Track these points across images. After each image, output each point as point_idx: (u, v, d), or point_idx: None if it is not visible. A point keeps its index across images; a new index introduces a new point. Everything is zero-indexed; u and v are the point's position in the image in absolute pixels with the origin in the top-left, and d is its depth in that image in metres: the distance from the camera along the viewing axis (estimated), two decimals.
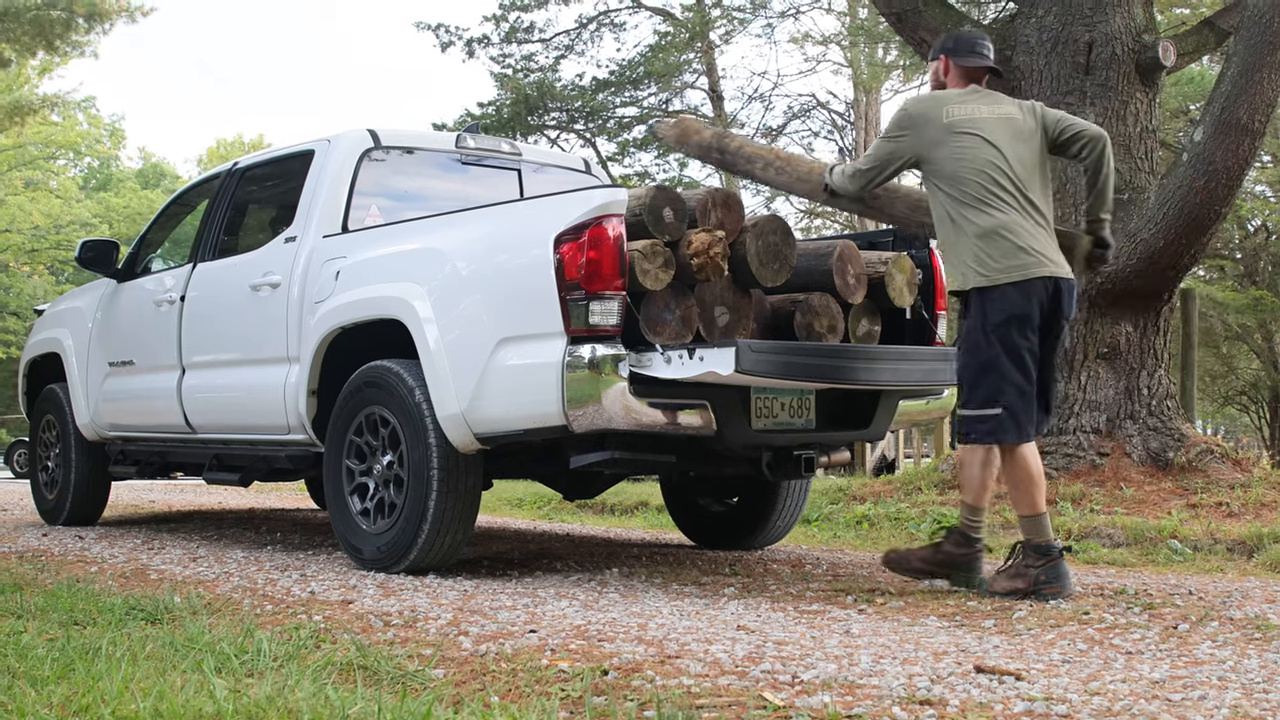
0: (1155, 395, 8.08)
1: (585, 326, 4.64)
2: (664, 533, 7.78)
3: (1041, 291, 4.61)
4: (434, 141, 6.52)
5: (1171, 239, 7.69)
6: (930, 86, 5.10)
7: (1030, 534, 4.68)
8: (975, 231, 4.62)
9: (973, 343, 4.63)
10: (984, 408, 4.58)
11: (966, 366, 4.66)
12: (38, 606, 4.35)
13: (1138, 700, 2.94)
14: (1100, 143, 4.85)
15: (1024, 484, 4.66)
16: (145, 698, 2.82)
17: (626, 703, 2.98)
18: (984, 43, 5.01)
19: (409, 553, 5.21)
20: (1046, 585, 4.59)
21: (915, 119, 4.80)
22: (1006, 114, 4.81)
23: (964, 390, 4.68)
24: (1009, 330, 4.57)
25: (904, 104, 4.92)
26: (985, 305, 4.60)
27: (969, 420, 4.63)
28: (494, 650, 3.55)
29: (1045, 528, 4.68)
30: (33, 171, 39.00)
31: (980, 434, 4.62)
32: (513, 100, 21.59)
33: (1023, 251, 4.59)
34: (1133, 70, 8.28)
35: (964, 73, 4.94)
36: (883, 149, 4.85)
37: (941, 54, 5.00)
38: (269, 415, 6.04)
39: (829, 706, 2.86)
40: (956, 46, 4.98)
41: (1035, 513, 4.66)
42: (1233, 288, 21.27)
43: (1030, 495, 4.67)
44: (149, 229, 7.70)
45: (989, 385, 4.57)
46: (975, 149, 4.68)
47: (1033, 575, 4.61)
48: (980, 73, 4.95)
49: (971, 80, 4.93)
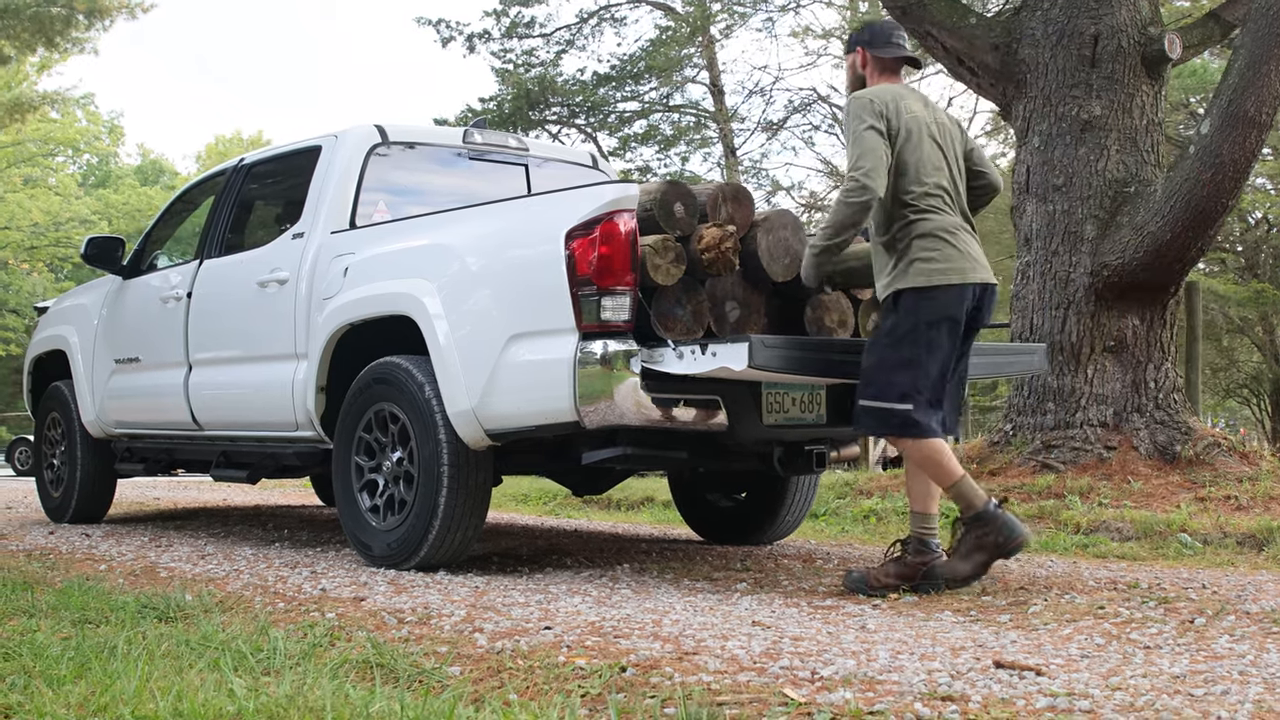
0: (1162, 388, 8.07)
1: (597, 322, 4.63)
2: (672, 528, 7.77)
3: (971, 296, 4.61)
4: (441, 137, 6.50)
5: (1178, 232, 7.68)
6: (847, 82, 4.99)
7: (964, 503, 4.62)
8: (920, 231, 4.56)
9: (898, 338, 4.53)
10: (898, 402, 4.49)
11: (884, 360, 4.54)
12: (49, 605, 4.34)
13: (1160, 695, 2.93)
14: (994, 195, 4.98)
15: (930, 469, 4.60)
16: (164, 697, 2.80)
17: (647, 700, 2.97)
18: (899, 32, 4.90)
19: (419, 549, 5.20)
20: (1009, 542, 4.57)
21: (880, 109, 4.59)
22: (940, 119, 4.78)
23: (872, 383, 4.55)
24: (939, 331, 4.52)
25: (859, 99, 4.64)
26: (920, 304, 4.53)
27: (879, 413, 4.53)
28: (510, 647, 3.54)
29: (973, 490, 4.62)
30: (32, 168, 38.98)
31: (891, 427, 4.56)
32: (514, 95, 21.59)
33: (962, 255, 4.58)
34: (1139, 63, 8.26)
35: (883, 65, 4.84)
36: (871, 139, 4.54)
37: (858, 47, 4.88)
38: (277, 412, 6.02)
39: (851, 703, 2.85)
40: (873, 39, 4.85)
41: (953, 480, 4.59)
42: (1234, 280, 21.28)
43: (941, 473, 4.58)
44: (154, 226, 7.68)
45: (906, 381, 4.49)
46: (925, 149, 4.64)
47: (990, 541, 4.59)
48: (899, 63, 4.85)
49: (890, 71, 4.83)
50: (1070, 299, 8.11)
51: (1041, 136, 8.35)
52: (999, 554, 4.60)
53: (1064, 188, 8.23)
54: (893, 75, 4.84)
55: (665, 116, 23.92)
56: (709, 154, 24.32)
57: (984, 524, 4.59)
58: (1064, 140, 8.25)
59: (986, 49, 8.64)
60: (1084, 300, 8.07)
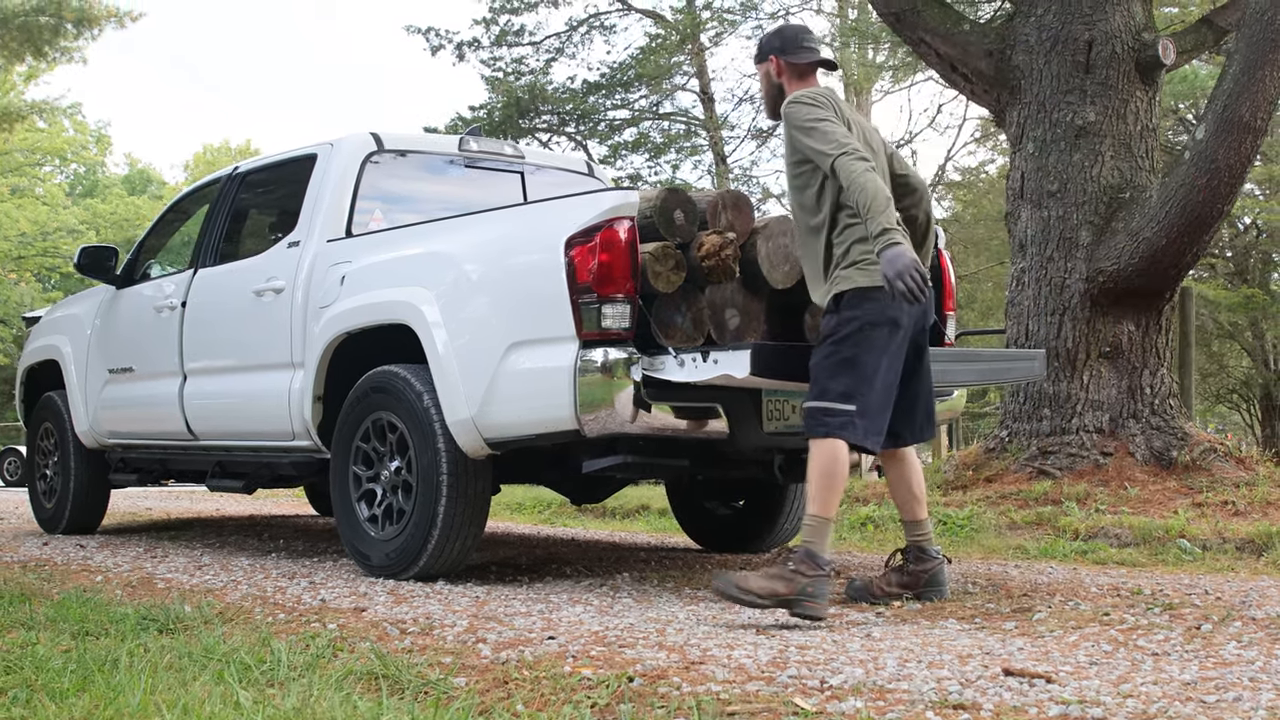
0: (1158, 394, 8.07)
1: (597, 330, 4.61)
2: (669, 536, 7.75)
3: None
4: (437, 145, 6.49)
5: (1174, 237, 7.68)
6: (762, 92, 4.82)
7: (812, 538, 4.24)
8: (860, 235, 4.34)
9: (839, 339, 4.31)
10: (839, 402, 4.26)
11: (827, 358, 4.31)
12: (47, 617, 4.31)
13: (1172, 702, 2.91)
14: (919, 196, 4.82)
15: (831, 479, 4.24)
16: (170, 710, 2.77)
17: (656, 710, 2.95)
18: (810, 35, 4.76)
19: (418, 559, 5.17)
20: (811, 599, 4.13)
21: (828, 105, 4.41)
22: (865, 122, 4.67)
23: (815, 384, 4.33)
24: (882, 331, 4.31)
25: (800, 99, 4.44)
26: (863, 305, 4.33)
27: (817, 412, 4.28)
28: (515, 658, 3.51)
29: (828, 537, 4.30)
30: (19, 178, 38.84)
31: (829, 427, 4.25)
32: (504, 103, 21.54)
33: None
34: (1133, 69, 8.26)
35: (798, 70, 4.63)
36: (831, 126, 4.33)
37: (771, 55, 4.66)
38: (273, 421, 5.99)
39: (862, 712, 2.83)
40: (784, 45, 4.65)
41: (825, 516, 4.26)
42: (1223, 286, 21.33)
43: (830, 494, 4.26)
44: (147, 235, 7.65)
45: (848, 381, 4.26)
46: (871, 150, 4.51)
47: (800, 584, 4.14)
48: (813, 68, 4.66)
49: (806, 77, 4.64)
50: (1066, 305, 8.11)
51: (1036, 143, 8.36)
52: (794, 602, 4.14)
53: (1059, 194, 8.23)
54: (810, 80, 4.65)
55: (655, 124, 23.91)
56: (699, 161, 24.30)
57: (809, 565, 4.17)
58: (1058, 146, 8.25)
59: (980, 55, 8.65)
60: (1079, 306, 8.07)
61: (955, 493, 8.04)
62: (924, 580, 4.70)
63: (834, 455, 4.26)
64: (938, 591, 4.70)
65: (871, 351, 4.30)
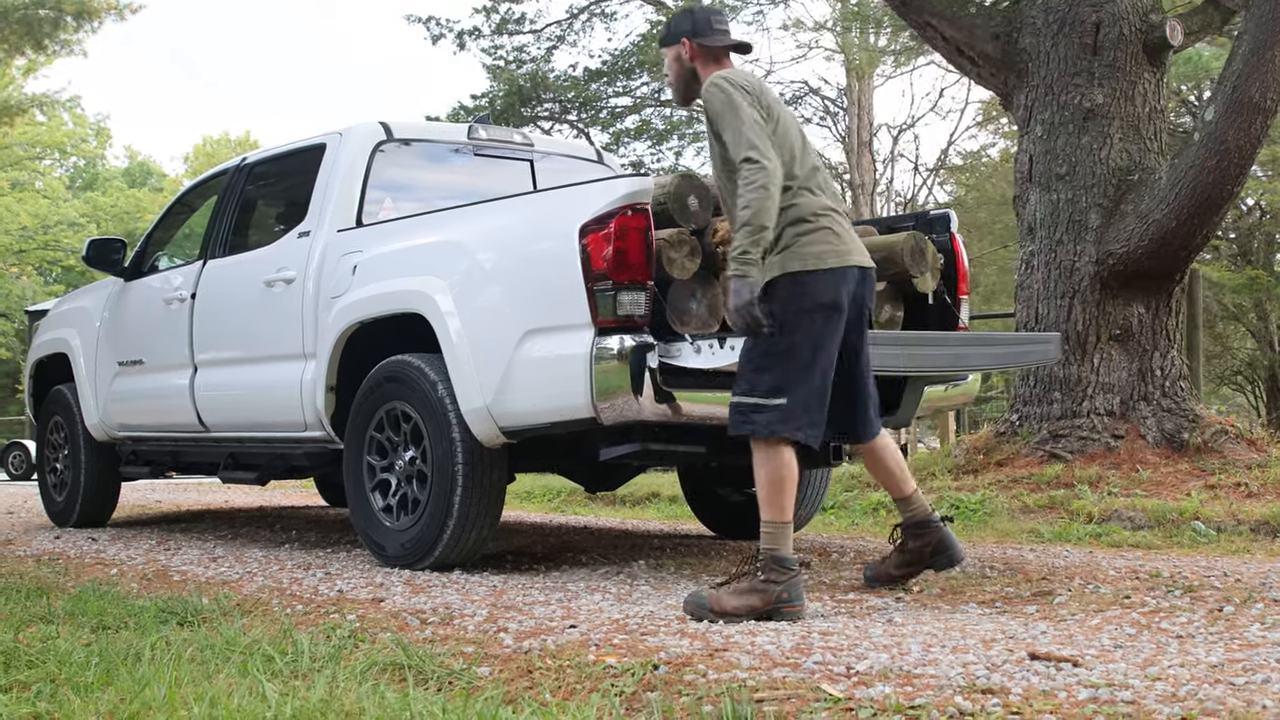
0: (1168, 376, 8.06)
1: (613, 317, 4.59)
2: (681, 523, 7.74)
3: (852, 281, 4.21)
4: (446, 133, 6.46)
5: (1184, 219, 7.66)
6: (673, 78, 4.58)
7: (774, 545, 4.06)
8: (791, 218, 4.18)
9: (773, 328, 4.07)
10: (768, 396, 4.05)
11: (754, 350, 4.12)
12: (65, 611, 4.30)
13: (1201, 685, 2.90)
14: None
15: (781, 484, 4.06)
16: (199, 703, 2.77)
17: (684, 698, 2.94)
18: (722, 17, 4.56)
19: (434, 549, 5.16)
20: (788, 604, 4.00)
21: (748, 90, 4.20)
22: (787, 111, 4.44)
23: (743, 378, 4.13)
24: (816, 318, 4.09)
25: (719, 83, 4.21)
26: (794, 290, 4.10)
27: (744, 408, 4.08)
28: (537, 647, 3.51)
29: (789, 538, 4.10)
30: (19, 172, 38.83)
31: (756, 425, 4.05)
32: (506, 92, 21.51)
33: (838, 238, 4.21)
34: (1140, 50, 8.23)
35: (711, 54, 4.42)
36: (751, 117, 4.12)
37: (682, 38, 4.43)
38: (286, 412, 5.98)
39: (890, 697, 2.82)
40: (696, 27, 4.42)
41: (784, 520, 4.07)
42: (1227, 267, 21.29)
43: (783, 499, 4.08)
44: (155, 227, 7.63)
45: (778, 374, 4.06)
46: (789, 131, 4.28)
47: (774, 592, 3.99)
48: (726, 50, 4.45)
49: (721, 60, 4.44)
50: (1075, 288, 8.09)
51: (1044, 125, 8.33)
52: (773, 610, 4.00)
53: (1067, 176, 8.20)
54: (725, 63, 4.45)
55: (657, 111, 23.85)
56: (702, 148, 24.28)
57: (778, 572, 4.03)
58: (1066, 129, 8.22)
59: (987, 38, 8.61)
60: (1089, 289, 8.05)
61: (966, 477, 8.03)
62: (929, 551, 4.56)
63: (777, 458, 4.07)
64: (949, 558, 4.54)
65: (807, 340, 4.09)
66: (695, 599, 4.05)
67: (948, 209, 5.74)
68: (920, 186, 26.72)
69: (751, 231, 3.99)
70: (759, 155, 4.03)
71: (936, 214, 5.73)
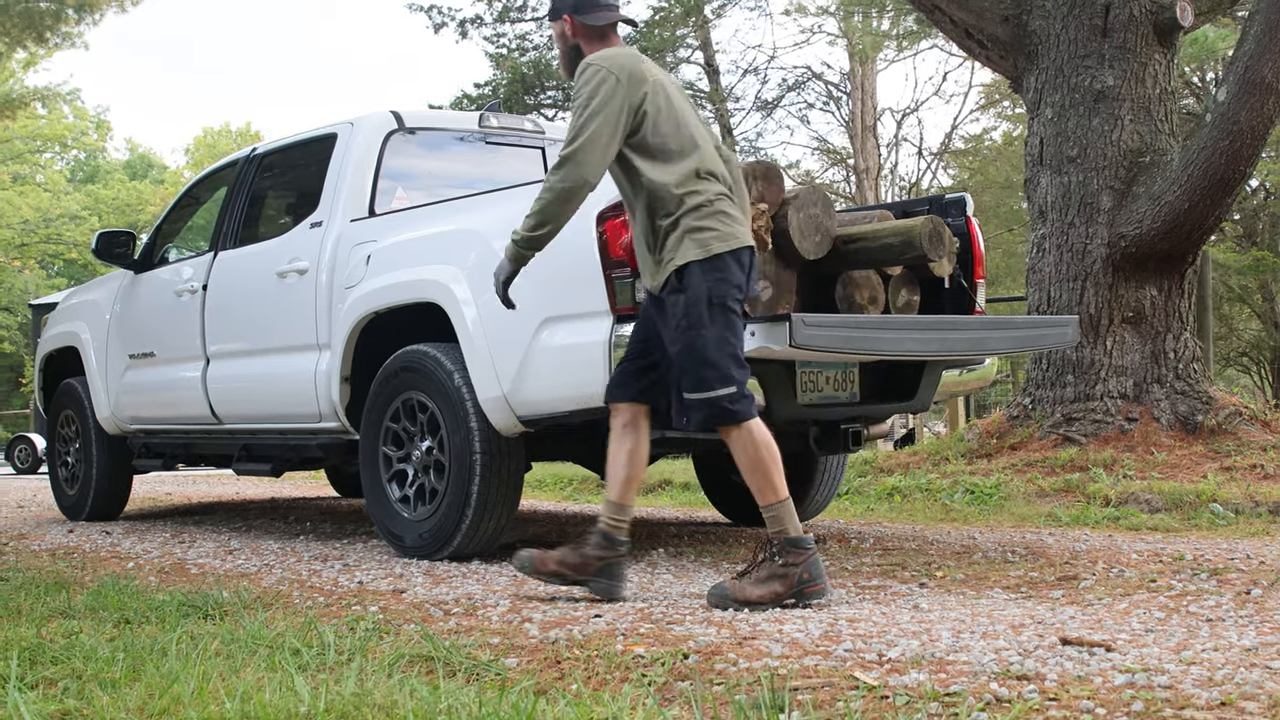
0: (1181, 358, 8.03)
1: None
2: (696, 510, 7.72)
3: (746, 260, 4.12)
4: (457, 121, 6.43)
5: (1196, 200, 7.63)
6: (560, 54, 4.48)
7: (780, 527, 4.02)
8: (691, 205, 4.04)
9: (696, 318, 3.98)
10: (722, 386, 3.98)
11: (693, 345, 3.99)
12: (86, 606, 4.27)
13: (1237, 669, 2.88)
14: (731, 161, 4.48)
15: (764, 464, 4.02)
16: (230, 698, 2.74)
17: (715, 687, 2.92)
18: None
19: (452, 539, 5.14)
20: (810, 584, 3.94)
21: (621, 76, 4.06)
22: (674, 81, 4.38)
23: (687, 373, 4.02)
24: (728, 301, 4.01)
25: (595, 64, 4.09)
26: (706, 278, 3.99)
27: (705, 404, 4.00)
28: (564, 637, 3.49)
29: (793, 515, 4.04)
30: (20, 165, 38.83)
31: (723, 417, 4.01)
32: (508, 80, 21.44)
33: (734, 220, 4.12)
34: (1150, 32, 8.18)
35: (596, 31, 4.29)
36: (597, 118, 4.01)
37: (564, 15, 4.31)
38: (300, 404, 5.96)
39: (925, 685, 2.80)
40: (578, 4, 4.28)
41: (780, 498, 4.03)
42: (1232, 249, 21.23)
43: (772, 478, 4.03)
44: (164, 219, 7.60)
45: (722, 362, 3.98)
46: (680, 115, 4.18)
47: (795, 574, 3.93)
48: (612, 28, 4.32)
49: (607, 37, 4.30)
50: (1087, 271, 8.06)
51: (1054, 108, 8.29)
52: (796, 594, 3.95)
53: (1078, 159, 8.17)
54: (611, 40, 4.31)
55: None
56: None
57: (795, 553, 3.98)
58: (1077, 111, 8.18)
59: (996, 21, 8.57)
60: (1101, 272, 8.02)
61: (980, 461, 8.01)
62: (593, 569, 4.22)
63: (751, 442, 4.01)
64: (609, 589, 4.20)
65: (729, 323, 4.02)
66: (718, 591, 3.99)
67: (963, 193, 5.71)
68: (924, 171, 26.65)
69: (538, 225, 4.12)
70: (583, 161, 4.02)
71: (952, 197, 5.70)
